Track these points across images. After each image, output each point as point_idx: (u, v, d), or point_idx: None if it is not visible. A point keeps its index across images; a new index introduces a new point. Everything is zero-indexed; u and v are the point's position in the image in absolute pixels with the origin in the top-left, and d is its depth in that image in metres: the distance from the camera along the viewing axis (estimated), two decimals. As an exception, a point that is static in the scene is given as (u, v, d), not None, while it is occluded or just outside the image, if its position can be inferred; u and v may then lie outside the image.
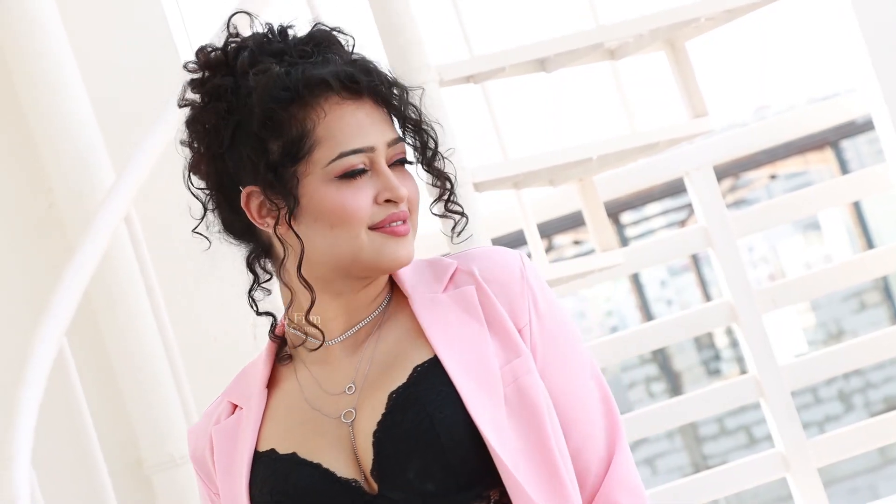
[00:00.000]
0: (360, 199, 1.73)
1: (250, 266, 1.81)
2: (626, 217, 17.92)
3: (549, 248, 15.97)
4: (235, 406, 1.83)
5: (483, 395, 1.72)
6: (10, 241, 3.73)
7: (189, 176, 1.82)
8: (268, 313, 1.83)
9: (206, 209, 1.82)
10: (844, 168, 17.72)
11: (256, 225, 1.77)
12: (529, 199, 3.76)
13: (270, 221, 1.76)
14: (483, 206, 3.30)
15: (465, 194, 3.17)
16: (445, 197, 1.81)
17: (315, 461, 1.74)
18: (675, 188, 13.33)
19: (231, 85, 1.75)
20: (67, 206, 3.62)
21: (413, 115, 1.78)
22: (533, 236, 3.66)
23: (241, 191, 1.76)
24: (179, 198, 3.89)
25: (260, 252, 1.81)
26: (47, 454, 3.48)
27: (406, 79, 3.20)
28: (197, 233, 1.85)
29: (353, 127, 1.74)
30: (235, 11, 1.81)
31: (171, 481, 3.53)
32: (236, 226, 1.81)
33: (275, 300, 1.83)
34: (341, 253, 1.75)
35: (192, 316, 3.73)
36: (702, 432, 15.19)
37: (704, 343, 17.91)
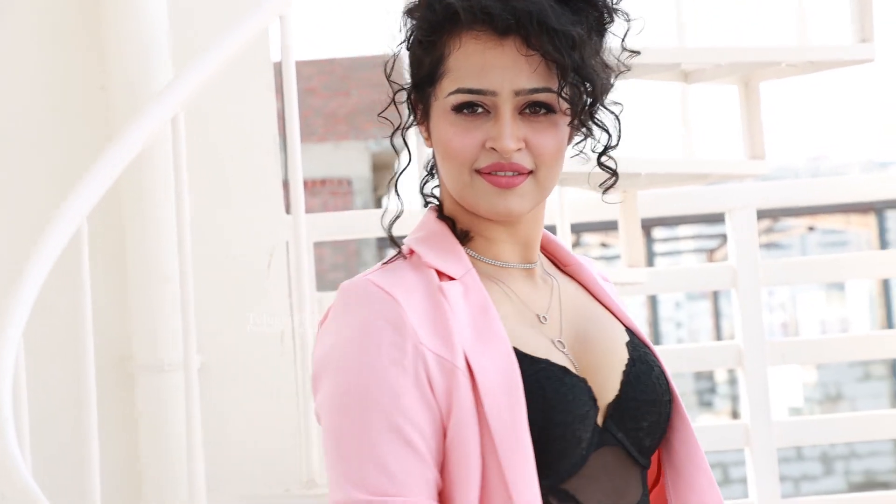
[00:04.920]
0: (468, 139, 1.73)
1: (428, 167, 1.85)
2: (657, 232, 17.85)
3: (575, 244, 15.94)
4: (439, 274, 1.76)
5: None
6: (55, 112, 3.73)
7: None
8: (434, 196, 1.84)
9: (405, 99, 1.83)
10: (883, 237, 17.62)
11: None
12: (569, 199, 3.74)
13: (406, 126, 1.82)
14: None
15: (508, 179, 3.16)
16: (599, 151, 1.79)
17: (581, 376, 1.75)
18: (713, 216, 13.27)
19: None
20: (118, 93, 3.61)
21: (567, 64, 1.70)
22: (565, 237, 3.64)
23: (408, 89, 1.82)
24: (228, 116, 3.90)
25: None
26: (39, 331, 3.49)
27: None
28: (383, 117, 1.85)
29: (477, 66, 1.72)
30: None
31: (155, 386, 3.54)
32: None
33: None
34: (455, 188, 1.77)
35: (214, 229, 3.72)
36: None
37: (703, 373, 17.85)
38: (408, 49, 1.80)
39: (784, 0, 3.90)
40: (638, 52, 1.78)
